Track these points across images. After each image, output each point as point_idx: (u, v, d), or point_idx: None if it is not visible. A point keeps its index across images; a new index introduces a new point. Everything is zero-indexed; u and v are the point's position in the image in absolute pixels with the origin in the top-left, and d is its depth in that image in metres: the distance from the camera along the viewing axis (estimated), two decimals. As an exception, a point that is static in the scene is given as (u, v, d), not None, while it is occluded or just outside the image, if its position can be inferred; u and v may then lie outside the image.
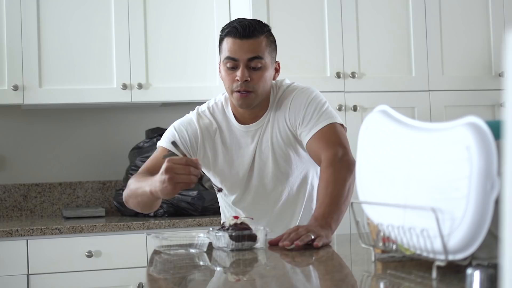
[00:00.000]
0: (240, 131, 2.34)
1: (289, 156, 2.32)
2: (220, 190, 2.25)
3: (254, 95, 2.24)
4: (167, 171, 1.95)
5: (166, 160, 1.98)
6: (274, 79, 2.32)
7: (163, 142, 2.33)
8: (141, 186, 2.14)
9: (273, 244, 1.94)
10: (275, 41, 2.32)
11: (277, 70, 2.33)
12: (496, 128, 1.21)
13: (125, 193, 2.29)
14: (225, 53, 2.24)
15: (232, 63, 2.23)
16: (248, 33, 2.20)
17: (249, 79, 2.21)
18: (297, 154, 2.33)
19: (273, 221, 2.36)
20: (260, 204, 2.38)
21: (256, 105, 2.29)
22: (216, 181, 2.39)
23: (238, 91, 2.23)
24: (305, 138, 2.25)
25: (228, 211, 2.46)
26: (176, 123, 2.37)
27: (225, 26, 2.28)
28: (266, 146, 2.32)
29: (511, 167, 0.72)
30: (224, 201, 2.46)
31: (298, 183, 2.37)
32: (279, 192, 2.37)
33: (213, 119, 2.36)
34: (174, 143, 2.23)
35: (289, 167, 2.34)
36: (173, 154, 2.16)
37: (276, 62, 2.32)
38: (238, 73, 2.21)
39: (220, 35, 2.28)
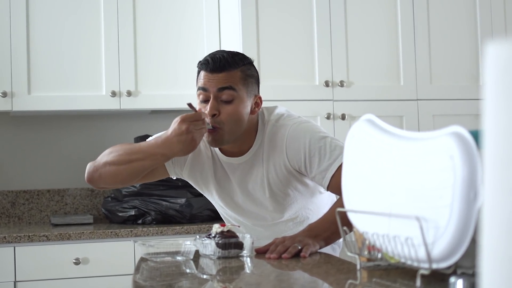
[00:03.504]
0: (223, 161, 2.24)
1: (288, 194, 2.23)
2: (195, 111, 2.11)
3: (222, 132, 2.10)
4: (188, 131, 2.01)
5: (180, 120, 2.03)
6: (253, 113, 2.17)
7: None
8: (139, 151, 2.14)
9: (260, 253, 1.94)
10: (256, 75, 2.19)
11: (257, 105, 2.18)
12: (479, 138, 1.22)
13: (101, 162, 2.24)
14: (198, 84, 2.14)
15: (204, 95, 2.11)
16: (219, 67, 2.08)
17: (217, 112, 2.09)
18: (297, 190, 2.24)
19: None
20: (258, 228, 2.36)
21: (237, 138, 2.16)
22: (210, 197, 2.36)
23: None
24: (324, 181, 2.11)
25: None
26: None
27: (201, 59, 2.16)
28: (262, 184, 2.21)
29: (491, 176, 0.73)
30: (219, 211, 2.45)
31: (299, 213, 2.31)
32: (278, 221, 2.32)
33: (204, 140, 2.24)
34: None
35: (289, 203, 2.26)
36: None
37: (257, 96, 2.18)
38: (208, 106, 2.09)
39: (197, 70, 2.17)
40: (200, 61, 2.16)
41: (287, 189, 2.21)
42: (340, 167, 2.02)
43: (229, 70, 2.10)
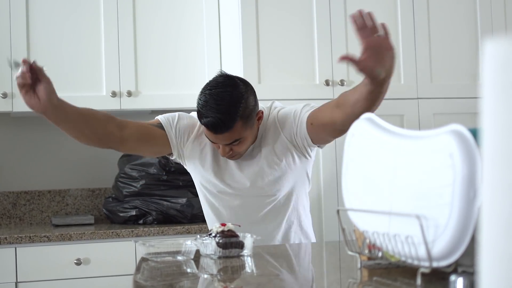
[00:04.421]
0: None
1: (281, 168, 2.36)
2: (17, 64, 2.21)
3: (240, 154, 2.33)
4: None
5: None
6: (258, 124, 2.34)
7: (162, 117, 2.42)
8: None
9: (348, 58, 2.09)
10: (251, 103, 2.27)
11: (260, 118, 2.32)
12: (479, 136, 1.22)
13: None
14: (204, 133, 2.31)
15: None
16: (220, 130, 2.20)
17: (231, 151, 2.28)
18: (288, 165, 2.37)
19: (255, 227, 2.38)
20: (245, 209, 2.41)
21: None
22: (206, 178, 2.43)
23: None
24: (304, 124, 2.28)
25: (210, 217, 2.50)
26: (181, 112, 2.45)
27: (199, 101, 2.23)
28: (258, 162, 2.36)
29: (490, 174, 0.73)
30: (207, 204, 2.48)
31: (287, 193, 2.42)
32: (266, 201, 2.39)
33: None
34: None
35: (280, 175, 2.37)
36: (162, 126, 2.36)
37: (258, 114, 2.31)
38: (220, 148, 2.28)
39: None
40: (198, 109, 2.23)
41: (280, 162, 2.34)
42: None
43: (230, 128, 2.20)
